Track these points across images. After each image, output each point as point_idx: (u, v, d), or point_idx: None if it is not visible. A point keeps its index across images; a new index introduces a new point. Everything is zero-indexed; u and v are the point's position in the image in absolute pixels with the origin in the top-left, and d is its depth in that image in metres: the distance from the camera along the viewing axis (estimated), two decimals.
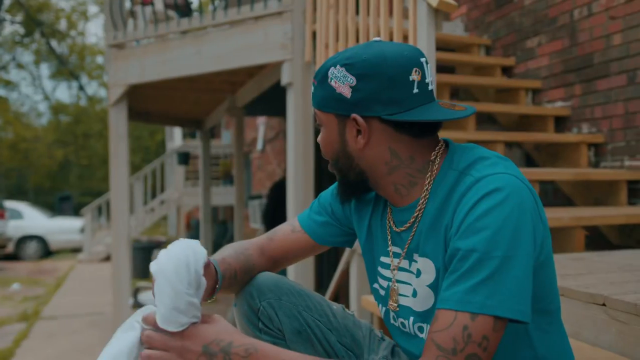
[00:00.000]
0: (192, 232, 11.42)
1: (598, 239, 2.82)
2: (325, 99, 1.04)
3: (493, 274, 0.88)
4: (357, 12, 3.57)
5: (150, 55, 4.35)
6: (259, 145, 9.53)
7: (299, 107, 3.80)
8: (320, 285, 5.60)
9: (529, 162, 3.40)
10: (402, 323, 1.14)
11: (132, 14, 4.70)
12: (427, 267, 1.05)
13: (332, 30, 3.34)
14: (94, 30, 49.08)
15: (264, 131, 9.31)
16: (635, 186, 2.78)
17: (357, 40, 3.20)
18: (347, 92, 1.01)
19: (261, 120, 9.29)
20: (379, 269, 1.19)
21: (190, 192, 10.78)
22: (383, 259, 1.17)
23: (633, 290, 1.56)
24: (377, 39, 1.05)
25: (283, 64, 3.81)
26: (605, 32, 2.95)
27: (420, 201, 1.05)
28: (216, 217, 12.03)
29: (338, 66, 1.02)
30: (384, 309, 1.20)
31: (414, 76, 1.01)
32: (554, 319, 1.06)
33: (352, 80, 1.00)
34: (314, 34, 3.73)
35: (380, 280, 1.19)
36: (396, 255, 1.13)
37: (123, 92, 4.47)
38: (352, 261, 3.19)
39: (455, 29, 4.14)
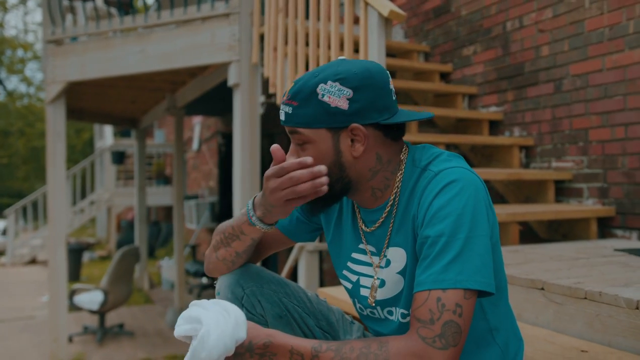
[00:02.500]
0: (123, 233, 11.16)
1: (528, 234, 3.07)
2: (315, 115, 1.10)
3: (460, 253, 1.01)
4: (307, 16, 3.68)
5: (91, 52, 4.28)
6: (195, 145, 9.46)
7: (245, 107, 3.87)
8: None
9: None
10: (371, 312, 1.26)
11: (72, 9, 4.60)
12: (397, 255, 1.17)
13: (281, 33, 3.43)
14: (14, 22, 46.58)
15: (200, 131, 9.25)
16: (561, 185, 3.05)
17: (307, 44, 3.31)
18: (344, 105, 1.08)
19: (197, 120, 9.23)
20: (349, 264, 1.28)
21: (121, 193, 10.53)
22: (355, 255, 1.26)
23: (566, 276, 1.76)
24: (342, 57, 1.16)
25: (230, 65, 3.87)
26: (534, 44, 3.21)
27: (391, 200, 1.17)
28: (148, 218, 11.79)
29: (329, 82, 1.08)
30: (352, 300, 1.32)
31: (391, 85, 1.15)
32: (502, 295, 1.21)
33: (348, 92, 1.08)
34: (261, 37, 3.81)
35: (348, 274, 1.29)
36: (374, 253, 1.22)
37: (61, 89, 4.37)
38: (301, 258, 3.30)
39: (395, 35, 4.33)
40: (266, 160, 6.79)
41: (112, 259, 10.48)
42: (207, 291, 7.74)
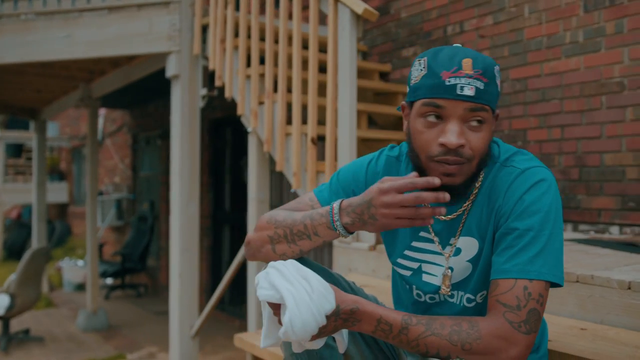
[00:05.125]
0: (9, 233, 10.31)
1: None
2: (496, 97, 1.13)
3: (544, 248, 1.09)
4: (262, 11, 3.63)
5: (7, 34, 3.95)
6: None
7: (185, 100, 3.77)
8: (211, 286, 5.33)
9: None
10: (431, 297, 1.30)
11: None
12: (469, 244, 1.22)
13: (230, 26, 3.38)
14: None
15: (103, 124, 8.78)
16: None
17: (262, 39, 3.29)
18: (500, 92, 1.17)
19: (100, 113, 8.74)
20: (407, 252, 1.31)
21: (10, 189, 9.73)
22: (416, 243, 1.29)
23: None
24: (458, 45, 1.18)
25: (169, 55, 3.75)
26: (475, 48, 3.41)
27: (474, 191, 1.21)
28: None
29: (497, 67, 1.14)
30: (407, 286, 1.36)
31: None
32: None
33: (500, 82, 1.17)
34: (203, 28, 3.72)
35: (407, 262, 1.32)
36: (444, 243, 1.25)
37: None
38: None
39: None
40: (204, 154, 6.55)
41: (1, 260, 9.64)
42: (114, 292, 7.39)
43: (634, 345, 1.45)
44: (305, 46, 3.10)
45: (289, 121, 3.00)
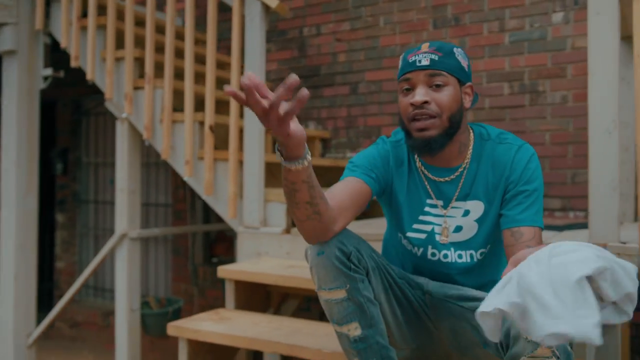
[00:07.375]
0: None
1: None
2: (454, 67, 1.46)
3: (541, 204, 1.47)
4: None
5: None
6: None
7: (23, 80, 3.37)
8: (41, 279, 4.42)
9: None
10: (444, 254, 1.55)
11: None
12: (476, 207, 1.53)
13: (93, 5, 3.12)
14: None
15: None
16: None
17: (139, 24, 3.10)
18: (466, 68, 1.50)
19: None
20: (421, 217, 1.56)
21: None
22: (427, 209, 1.56)
23: None
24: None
25: (3, 27, 3.30)
26: (331, 50, 3.72)
27: (466, 161, 1.54)
28: None
29: (459, 49, 1.50)
30: (421, 249, 1.58)
31: None
32: None
33: (467, 60, 1.52)
34: (47, 1, 3.35)
35: (421, 226, 1.56)
36: (446, 204, 1.55)
37: None
38: (121, 246, 3.10)
39: (177, 21, 4.28)
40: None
41: None
42: None
43: None
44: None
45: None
